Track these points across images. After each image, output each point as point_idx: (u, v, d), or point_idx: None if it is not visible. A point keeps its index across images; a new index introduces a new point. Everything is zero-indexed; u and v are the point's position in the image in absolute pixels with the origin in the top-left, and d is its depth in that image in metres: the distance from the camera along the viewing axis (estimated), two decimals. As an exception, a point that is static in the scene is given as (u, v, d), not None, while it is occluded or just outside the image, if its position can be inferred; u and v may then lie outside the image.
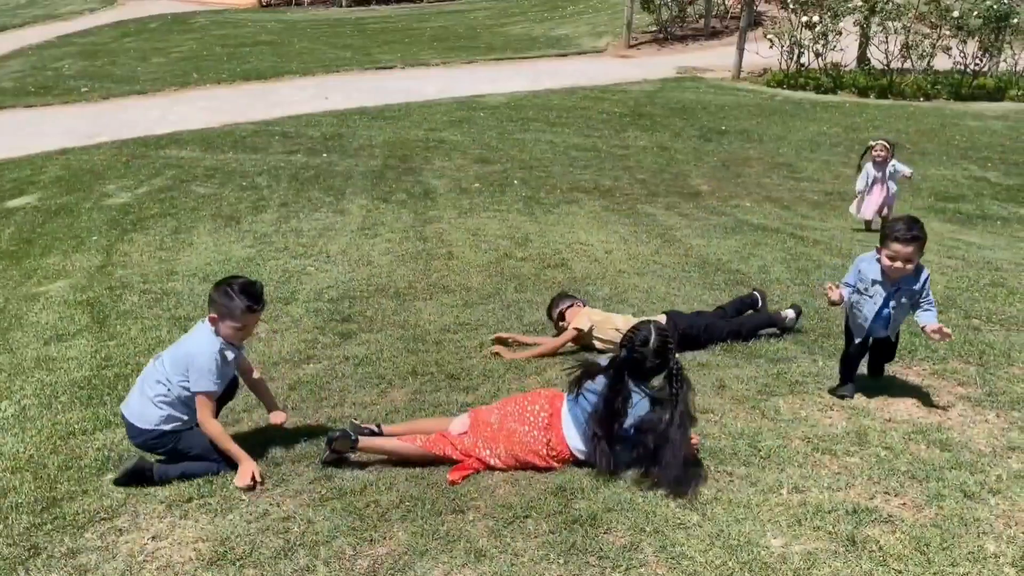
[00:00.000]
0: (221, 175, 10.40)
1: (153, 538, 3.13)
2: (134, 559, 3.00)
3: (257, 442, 3.82)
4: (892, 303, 3.79)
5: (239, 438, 3.85)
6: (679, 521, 3.00)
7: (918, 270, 3.78)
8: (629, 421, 3.30)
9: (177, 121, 13.33)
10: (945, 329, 3.68)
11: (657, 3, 20.24)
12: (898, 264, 3.64)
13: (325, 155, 11.39)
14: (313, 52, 18.64)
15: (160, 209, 9.04)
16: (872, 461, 3.37)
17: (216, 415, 3.77)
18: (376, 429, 3.65)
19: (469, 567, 2.81)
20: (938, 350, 4.66)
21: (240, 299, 3.54)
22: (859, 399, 3.98)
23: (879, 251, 3.74)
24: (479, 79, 16.60)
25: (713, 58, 18.52)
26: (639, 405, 3.32)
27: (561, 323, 4.97)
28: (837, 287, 3.86)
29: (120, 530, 3.21)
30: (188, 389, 3.57)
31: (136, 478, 3.57)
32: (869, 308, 3.85)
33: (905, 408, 3.86)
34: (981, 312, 5.47)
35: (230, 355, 3.65)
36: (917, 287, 3.78)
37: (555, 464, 3.42)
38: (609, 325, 4.83)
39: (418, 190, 9.79)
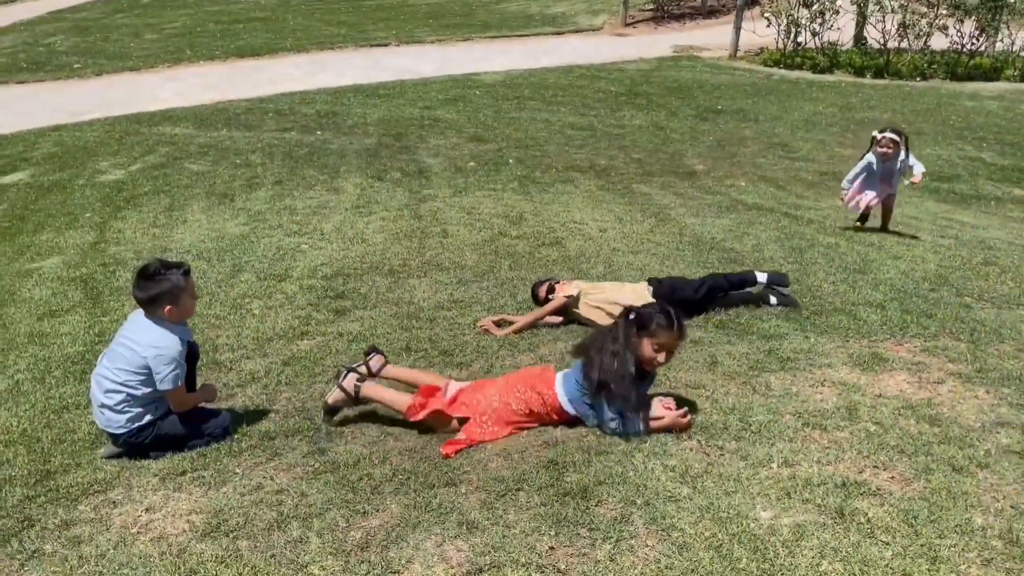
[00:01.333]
0: (215, 152, 10.35)
1: (147, 510, 3.14)
2: (128, 530, 3.02)
3: (252, 417, 3.84)
4: None
5: (233, 413, 3.87)
6: (669, 494, 3.02)
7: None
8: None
9: (170, 98, 13.25)
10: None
11: (654, -19, 20.16)
12: None
13: (319, 133, 11.35)
14: (307, 29, 18.51)
15: (153, 186, 9.00)
16: (862, 436, 3.39)
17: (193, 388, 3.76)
18: (366, 369, 3.83)
19: (461, 539, 2.83)
20: (929, 327, 4.68)
21: (173, 274, 3.52)
22: (850, 375, 4.00)
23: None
24: (474, 57, 16.50)
25: (710, 37, 18.44)
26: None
27: (549, 296, 4.99)
28: None
29: (114, 502, 3.22)
30: (151, 386, 3.53)
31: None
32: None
33: (895, 384, 3.88)
34: (973, 290, 5.50)
35: (186, 339, 3.62)
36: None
37: (552, 416, 3.57)
38: (597, 291, 4.89)
39: (412, 168, 9.76)
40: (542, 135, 11.65)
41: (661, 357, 3.49)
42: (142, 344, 3.51)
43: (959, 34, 15.65)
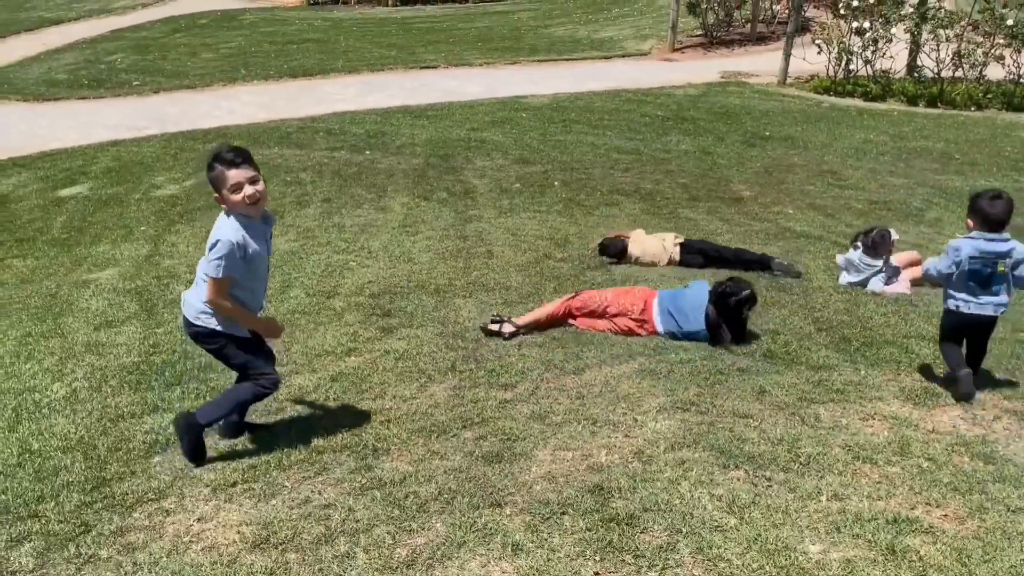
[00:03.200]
0: (266, 170, 10.39)
1: (199, 520, 3.21)
2: (180, 539, 3.08)
3: (300, 431, 3.90)
4: None
5: (282, 426, 3.93)
6: (716, 523, 3.00)
7: None
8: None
9: (224, 116, 13.56)
10: None
11: (703, 7, 20.08)
12: None
13: (368, 152, 11.51)
14: (359, 50, 18.82)
15: (206, 202, 9.20)
16: (914, 472, 3.34)
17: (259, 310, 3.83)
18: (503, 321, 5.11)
19: (506, 560, 2.84)
20: (984, 364, 4.59)
21: (217, 164, 3.54)
22: (902, 409, 3.94)
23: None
24: (522, 80, 16.63)
25: (759, 63, 18.33)
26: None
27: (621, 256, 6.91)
28: None
29: (167, 511, 3.29)
30: None
31: (193, 445, 3.64)
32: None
33: (949, 420, 3.81)
34: (1030, 325, 5.38)
35: (252, 233, 3.58)
36: None
37: (641, 331, 5.05)
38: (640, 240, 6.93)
39: (459, 189, 9.85)
40: (588, 158, 11.67)
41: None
42: (214, 230, 3.62)
43: (1016, 64, 15.37)
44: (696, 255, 6.79)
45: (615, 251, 6.87)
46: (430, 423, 3.88)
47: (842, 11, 15.97)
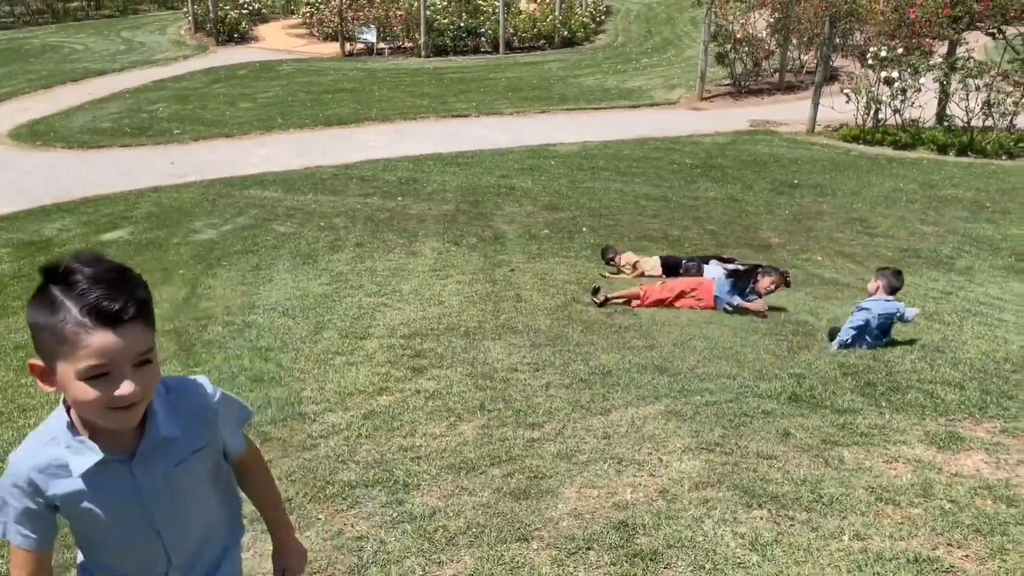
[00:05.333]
0: (301, 215, 10.84)
1: (235, 550, 3.31)
2: (217, 568, 3.19)
3: (334, 466, 4.01)
4: None
5: (317, 461, 4.03)
6: (739, 561, 3.05)
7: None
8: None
9: (261, 163, 13.95)
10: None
11: (732, 57, 20.37)
12: None
13: (400, 199, 11.77)
14: (392, 100, 19.29)
15: (243, 246, 9.47)
16: (936, 513, 3.36)
17: None
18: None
19: (532, 594, 2.91)
20: (1010, 408, 4.60)
21: (67, 304, 1.60)
22: (925, 452, 3.96)
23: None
24: (551, 128, 16.93)
25: (787, 112, 18.51)
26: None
27: (612, 261, 8.74)
28: None
29: (204, 541, 3.40)
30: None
31: None
32: None
33: (972, 464, 3.83)
34: (1057, 373, 5.37)
35: (98, 478, 1.75)
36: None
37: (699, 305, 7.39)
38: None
39: (488, 234, 10.03)
40: (616, 205, 11.84)
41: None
42: None
43: (1046, 113, 15.41)
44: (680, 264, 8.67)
45: (610, 256, 8.80)
46: (459, 460, 3.97)
47: (870, 61, 16.12)
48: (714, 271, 8.06)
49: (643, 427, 4.28)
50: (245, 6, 29.28)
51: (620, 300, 7.42)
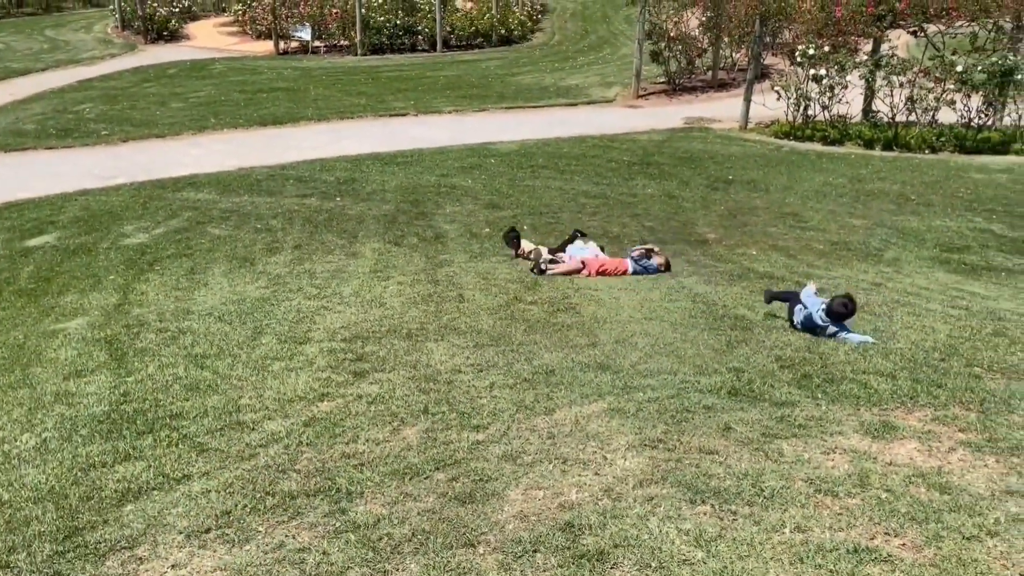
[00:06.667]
0: (237, 217, 10.61)
1: (173, 567, 3.22)
2: (154, 587, 3.09)
3: (274, 477, 3.92)
4: None
5: (256, 472, 3.95)
6: (684, 558, 3.08)
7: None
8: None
9: (194, 164, 13.61)
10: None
11: (666, 55, 20.63)
12: None
13: (339, 199, 11.62)
14: (328, 99, 19.03)
15: (176, 250, 9.23)
16: (873, 503, 3.45)
17: None
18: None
19: (479, 599, 2.89)
20: (940, 397, 4.75)
21: None
22: (861, 442, 4.07)
23: None
24: (490, 127, 16.91)
25: (721, 109, 18.83)
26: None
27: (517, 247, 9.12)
28: None
29: (140, 559, 3.30)
30: None
31: None
32: None
33: (906, 452, 3.94)
34: (983, 360, 5.56)
35: None
36: None
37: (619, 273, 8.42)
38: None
39: (429, 234, 9.97)
40: (556, 203, 11.87)
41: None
42: None
43: (967, 108, 15.95)
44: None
45: (513, 242, 9.20)
46: (403, 465, 3.93)
47: (799, 59, 16.50)
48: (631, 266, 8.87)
49: (587, 426, 4.30)
50: (175, 3, 28.54)
51: (560, 273, 8.35)
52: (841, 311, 5.97)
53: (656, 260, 8.72)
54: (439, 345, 5.89)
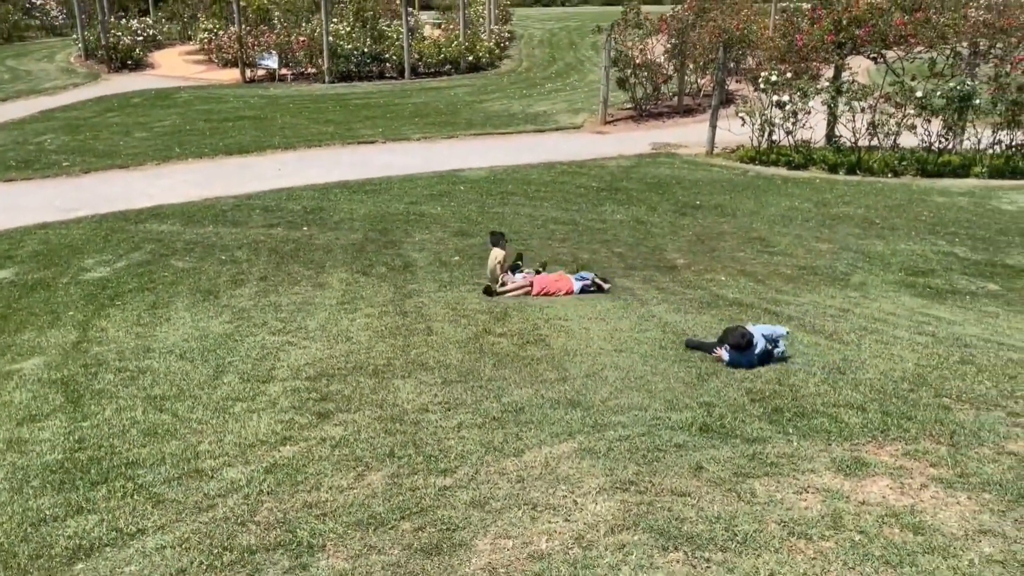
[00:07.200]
0: (200, 249, 10.44)
1: (123, 632, 3.07)
2: (103, 654, 2.94)
3: (232, 530, 3.78)
4: None
5: (213, 525, 3.81)
6: (657, 610, 2.99)
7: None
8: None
9: (158, 195, 13.41)
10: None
11: (632, 82, 20.81)
12: None
13: (305, 228, 11.49)
14: (295, 127, 18.91)
15: (138, 284, 9.04)
16: (847, 545, 3.39)
17: None
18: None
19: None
20: (910, 430, 4.73)
21: None
22: (833, 480, 4.02)
23: None
24: (459, 153, 16.89)
25: (687, 134, 18.98)
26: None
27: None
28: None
29: (89, 623, 3.15)
30: None
31: None
32: None
33: (879, 490, 3.90)
34: (951, 391, 5.56)
35: None
36: None
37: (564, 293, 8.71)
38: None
39: (398, 263, 9.88)
40: (526, 229, 11.84)
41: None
42: None
43: (927, 133, 16.22)
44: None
45: (498, 242, 9.50)
46: (367, 515, 3.81)
47: (762, 85, 16.71)
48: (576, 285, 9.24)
49: (557, 468, 4.21)
50: (139, 32, 28.30)
51: (513, 292, 8.76)
52: (740, 342, 6.23)
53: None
54: (406, 382, 5.78)
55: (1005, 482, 3.99)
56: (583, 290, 8.89)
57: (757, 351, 6.22)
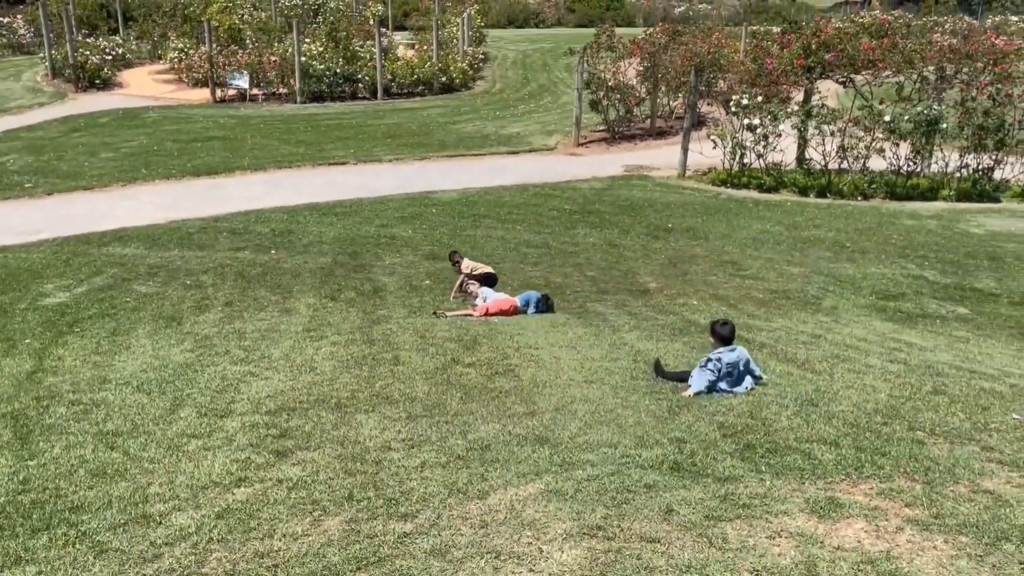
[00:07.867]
0: (164, 273, 10.21)
1: None
2: None
3: (178, 581, 3.59)
4: None
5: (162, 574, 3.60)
6: (623, 671, 2.84)
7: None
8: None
9: (123, 217, 13.13)
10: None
11: (605, 104, 20.84)
12: None
13: (273, 252, 11.29)
14: (265, 147, 18.68)
15: (99, 309, 8.80)
16: (821, 596, 3.27)
17: None
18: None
19: None
20: (884, 467, 4.63)
21: None
22: (807, 523, 3.90)
23: None
24: (431, 175, 16.76)
25: (659, 157, 19.00)
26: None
27: (457, 263, 9.99)
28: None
29: None
30: None
31: None
32: None
33: (853, 534, 3.78)
34: (925, 423, 5.48)
35: None
36: None
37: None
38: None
39: (368, 288, 9.71)
40: (498, 252, 11.72)
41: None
42: None
43: (895, 156, 16.36)
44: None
45: (456, 260, 10.08)
46: (321, 566, 3.62)
47: (733, 108, 16.78)
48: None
49: (523, 511, 4.05)
50: (108, 51, 27.95)
51: (460, 315, 8.85)
52: (724, 333, 6.49)
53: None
54: (369, 417, 5.60)
55: (981, 523, 3.89)
56: (537, 309, 9.10)
57: (734, 369, 6.30)
